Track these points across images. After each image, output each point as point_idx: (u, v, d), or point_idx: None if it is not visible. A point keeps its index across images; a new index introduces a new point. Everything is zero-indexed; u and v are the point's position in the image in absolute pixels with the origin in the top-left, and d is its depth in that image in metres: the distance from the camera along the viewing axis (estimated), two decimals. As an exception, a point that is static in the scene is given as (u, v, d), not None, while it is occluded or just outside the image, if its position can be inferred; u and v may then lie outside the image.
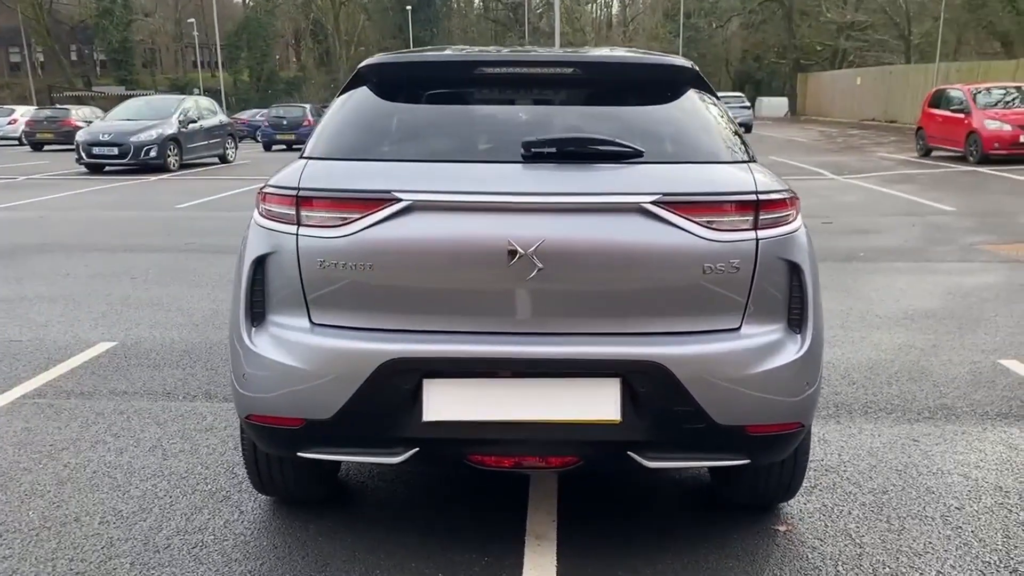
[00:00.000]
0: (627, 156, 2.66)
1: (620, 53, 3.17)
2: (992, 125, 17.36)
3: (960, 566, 2.80)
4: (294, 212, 2.63)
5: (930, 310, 6.16)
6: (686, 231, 2.53)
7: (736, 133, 2.94)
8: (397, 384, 2.52)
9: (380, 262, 2.54)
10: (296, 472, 3.03)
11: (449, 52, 3.17)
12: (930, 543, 2.95)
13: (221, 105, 24.86)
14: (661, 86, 2.96)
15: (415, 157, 2.73)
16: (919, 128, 20.60)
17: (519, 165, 2.66)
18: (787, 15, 50.27)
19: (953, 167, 17.31)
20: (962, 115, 18.24)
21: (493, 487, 3.34)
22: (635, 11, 59.74)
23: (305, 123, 27.64)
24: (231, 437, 3.83)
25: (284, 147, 27.78)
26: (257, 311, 2.68)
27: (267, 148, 28.04)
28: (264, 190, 2.77)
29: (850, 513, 3.17)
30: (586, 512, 3.17)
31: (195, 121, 19.55)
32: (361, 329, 2.58)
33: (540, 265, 2.48)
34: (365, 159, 2.73)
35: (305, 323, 2.62)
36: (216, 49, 60.17)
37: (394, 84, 2.97)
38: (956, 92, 19.25)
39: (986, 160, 17.25)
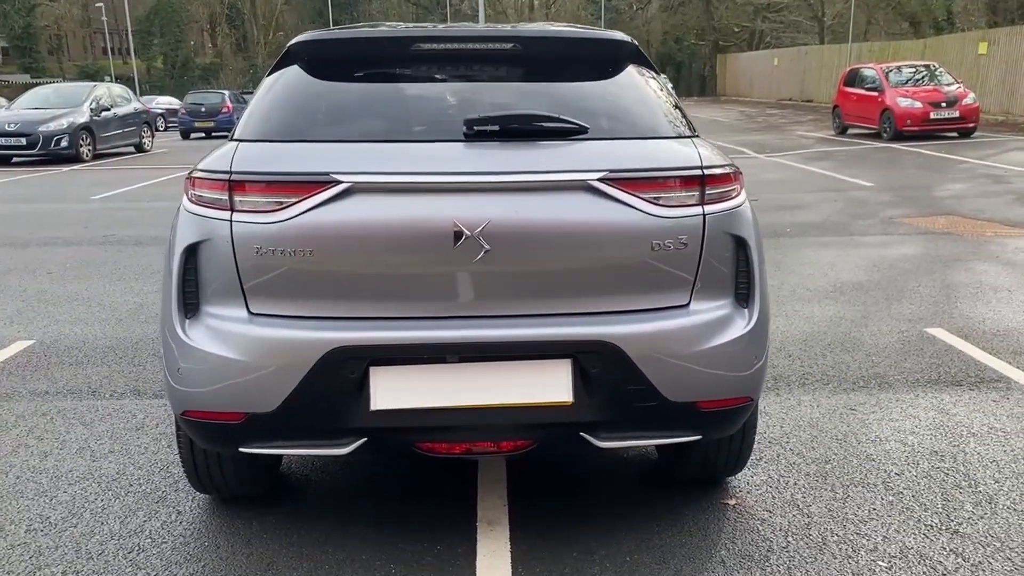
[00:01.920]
0: (571, 133, 2.61)
1: (558, 28, 3.11)
2: (904, 103, 17.93)
3: (904, 530, 2.86)
4: (227, 197, 2.50)
5: (857, 282, 6.32)
6: (633, 208, 2.50)
7: (677, 107, 2.92)
8: (342, 373, 2.43)
9: (320, 247, 2.44)
10: (236, 468, 2.91)
11: (384, 28, 3.07)
12: (874, 509, 3.01)
13: (135, 92, 23.93)
14: (601, 61, 2.92)
15: (352, 137, 2.63)
16: (835, 107, 21.16)
17: (460, 144, 2.59)
18: (705, -3, 51.03)
19: (868, 144, 17.83)
20: (876, 93, 18.78)
21: (440, 474, 3.28)
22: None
23: (224, 110, 26.91)
24: (164, 435, 3.68)
25: (203, 135, 27.01)
26: (190, 302, 2.56)
27: (185, 136, 27.22)
28: (193, 175, 2.63)
29: (795, 484, 3.21)
30: (536, 495, 3.14)
31: (108, 109, 18.78)
32: (303, 318, 2.48)
33: (486, 246, 2.42)
34: (300, 140, 2.63)
35: (243, 313, 2.51)
36: (127, 35, 58.02)
37: (327, 62, 2.86)
38: (870, 71, 19.81)
39: (899, 136, 17.81)
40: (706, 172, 2.58)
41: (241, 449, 2.60)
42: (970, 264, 6.87)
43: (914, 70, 19.80)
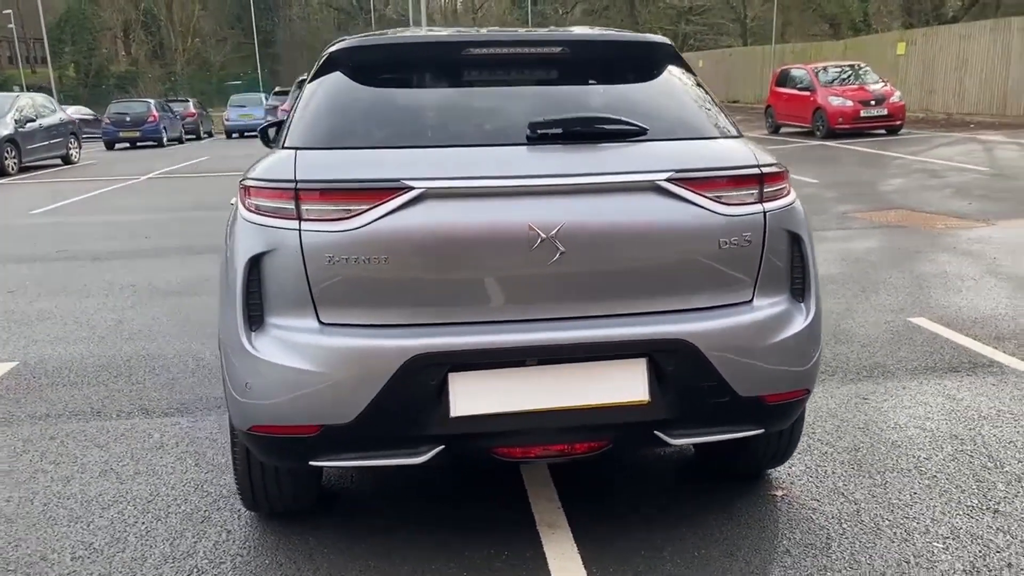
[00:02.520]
0: (631, 134, 2.64)
1: (600, 31, 3.14)
2: (836, 101, 18.53)
3: (948, 512, 2.97)
4: (293, 206, 2.45)
5: (831, 276, 6.51)
6: (701, 207, 2.54)
7: (720, 108, 2.97)
8: (423, 381, 2.41)
9: (395, 254, 2.41)
10: (295, 483, 2.85)
11: (427, 33, 3.05)
12: (915, 493, 3.11)
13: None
14: (644, 63, 2.96)
15: (416, 143, 2.61)
16: (768, 106, 21.73)
17: (523, 148, 2.59)
18: (630, 1, 51.75)
19: (803, 142, 18.37)
20: (808, 93, 19.37)
21: (486, 478, 3.26)
22: (482, -2, 60.07)
23: (150, 119, 26.17)
24: (187, 454, 3.57)
25: (128, 145, 26.24)
26: (254, 314, 2.49)
27: (109, 147, 26.36)
28: (249, 184, 2.57)
29: (834, 472, 3.30)
30: (586, 495, 3.15)
31: (33, 120, 18.08)
32: (377, 326, 2.45)
33: (562, 249, 2.43)
34: (360, 147, 2.59)
35: (313, 323, 2.46)
36: (36, 44, 55.86)
37: (374, 68, 2.83)
38: (800, 71, 20.43)
39: (832, 134, 18.40)
40: (764, 170, 2.64)
41: (312, 463, 2.55)
42: (931, 256, 7.15)
43: (840, 70, 20.49)
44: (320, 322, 2.46)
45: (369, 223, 2.41)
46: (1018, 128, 19.68)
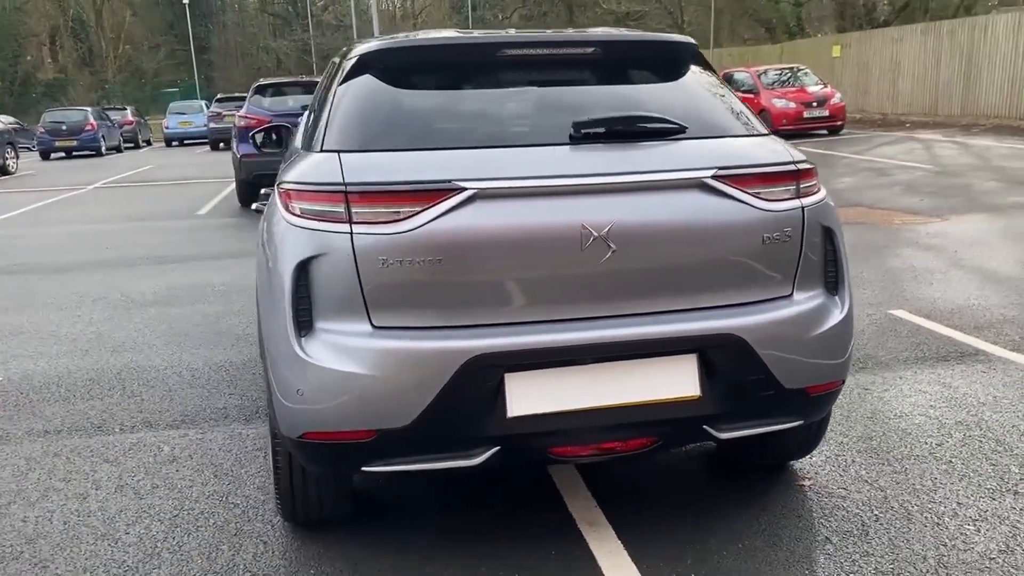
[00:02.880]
0: (671, 132, 2.68)
1: (626, 32, 3.17)
2: (779, 103, 18.98)
3: (971, 495, 3.07)
4: (343, 209, 2.42)
5: (807, 272, 6.64)
6: (744, 203, 2.59)
7: (745, 106, 3.03)
8: (480, 382, 2.40)
9: (449, 256, 2.40)
10: (335, 491, 2.81)
11: (458, 35, 3.04)
12: (936, 479, 3.21)
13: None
14: (671, 62, 3.00)
15: (460, 144, 2.60)
16: (713, 109, 22.05)
17: (566, 147, 2.60)
18: (568, 7, 52.19)
19: (750, 143, 18.69)
20: (752, 95, 19.76)
21: (517, 480, 3.25)
22: (422, 4, 59.79)
23: (88, 127, 25.46)
24: (204, 466, 3.48)
25: (63, 155, 25.46)
26: (303, 320, 2.45)
27: (45, 156, 25.55)
28: (293, 187, 2.53)
29: (854, 461, 3.38)
30: (619, 492, 3.17)
31: (-34, 130, 17.45)
32: (432, 328, 2.43)
33: (613, 247, 2.45)
34: (405, 149, 2.57)
35: (366, 327, 2.43)
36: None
37: (410, 70, 2.82)
38: (743, 75, 20.86)
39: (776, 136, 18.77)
40: (799, 167, 2.70)
41: (364, 469, 2.52)
42: (896, 250, 7.36)
43: (781, 72, 20.98)
44: (373, 325, 2.43)
45: (423, 224, 2.39)
46: (950, 127, 20.42)
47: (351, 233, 2.40)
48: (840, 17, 30.93)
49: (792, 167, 2.69)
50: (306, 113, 3.73)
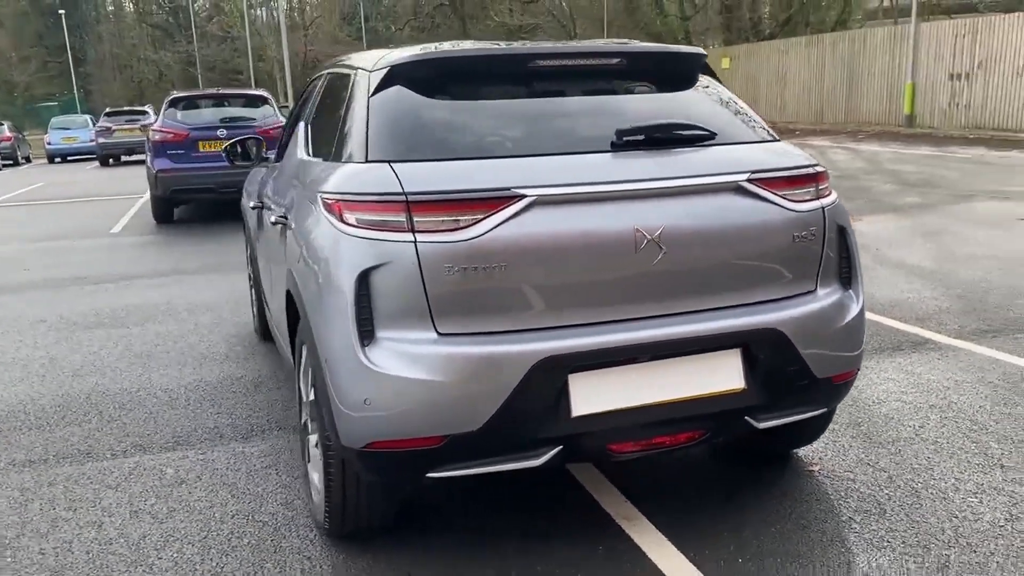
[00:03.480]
0: (703, 139, 2.81)
1: (644, 44, 3.29)
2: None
3: (966, 470, 3.33)
4: (404, 218, 2.45)
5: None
6: (776, 204, 2.75)
7: (755, 112, 3.20)
8: (547, 383, 2.47)
9: (512, 261, 2.46)
10: (387, 500, 2.81)
11: (491, 46, 3.09)
12: (929, 458, 3.45)
13: None
14: (688, 72, 3.14)
15: (509, 153, 2.66)
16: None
17: (609, 154, 2.70)
18: (461, 19, 52.50)
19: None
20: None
21: (540, 481, 3.31)
22: (311, 16, 58.95)
23: (3, 140, 24.28)
24: (216, 485, 3.40)
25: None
26: (365, 329, 2.46)
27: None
28: (346, 198, 2.54)
29: (851, 446, 3.59)
30: (646, 487, 3.28)
31: None
32: (499, 332, 2.48)
33: (664, 249, 2.56)
34: (457, 158, 2.61)
35: (431, 334, 2.46)
36: None
37: (442, 81, 2.85)
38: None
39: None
40: (817, 170, 2.88)
41: (429, 475, 2.54)
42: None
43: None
44: (438, 332, 2.46)
45: (487, 231, 2.44)
46: (838, 134, 21.63)
47: (415, 242, 2.43)
48: (727, 30, 32.27)
49: (811, 170, 2.87)
50: (303, 124, 3.70)
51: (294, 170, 3.46)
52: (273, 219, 3.36)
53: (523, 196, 2.47)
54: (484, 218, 2.45)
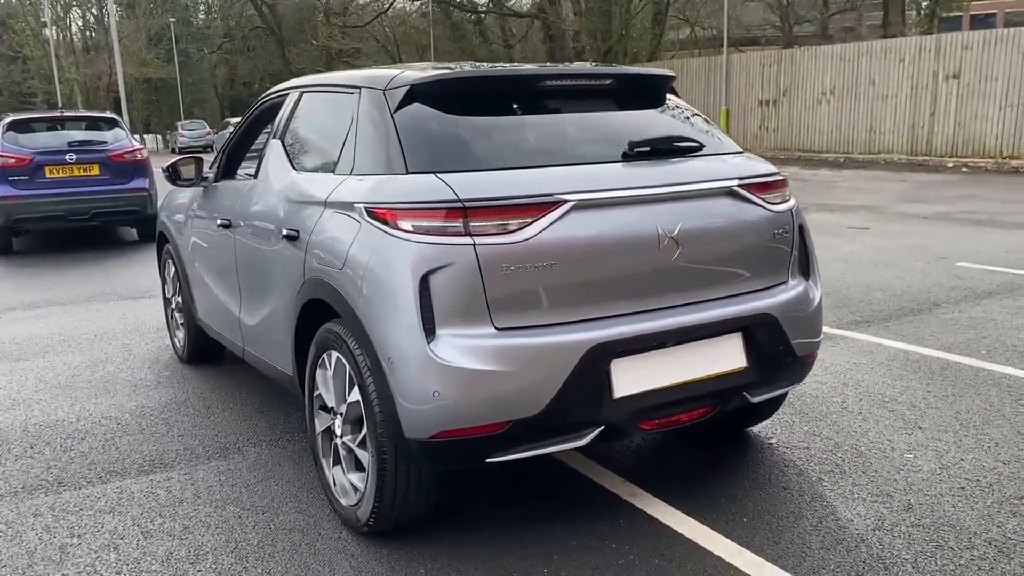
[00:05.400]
0: (694, 150, 3.20)
1: (624, 67, 3.64)
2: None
3: (894, 433, 3.88)
4: (462, 224, 2.65)
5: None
6: (760, 206, 3.17)
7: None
8: (596, 368, 2.74)
9: (560, 260, 2.72)
10: (429, 491, 2.96)
11: (509, 68, 3.30)
12: (863, 426, 3.99)
13: None
14: (659, 93, 3.51)
15: (541, 163, 2.91)
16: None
17: (621, 164, 3.03)
18: (279, 42, 51.54)
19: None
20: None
21: (534, 469, 3.55)
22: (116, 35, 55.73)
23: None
24: (221, 500, 3.39)
25: None
26: (428, 327, 2.64)
27: None
28: (401, 206, 2.71)
29: (796, 422, 4.08)
30: (635, 467, 3.59)
31: None
32: (552, 325, 2.73)
33: (681, 245, 2.91)
34: (499, 168, 2.83)
35: (490, 329, 2.67)
36: None
37: (460, 98, 3.06)
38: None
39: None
40: (782, 177, 3.34)
41: (488, 460, 2.74)
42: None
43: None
44: (496, 327, 2.67)
45: (537, 233, 2.69)
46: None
47: (474, 245, 2.64)
48: (551, 59, 33.65)
49: (779, 177, 3.32)
50: (278, 142, 3.76)
51: (285, 186, 3.53)
52: (284, 233, 3.39)
53: (565, 201, 2.74)
54: (533, 221, 2.70)
